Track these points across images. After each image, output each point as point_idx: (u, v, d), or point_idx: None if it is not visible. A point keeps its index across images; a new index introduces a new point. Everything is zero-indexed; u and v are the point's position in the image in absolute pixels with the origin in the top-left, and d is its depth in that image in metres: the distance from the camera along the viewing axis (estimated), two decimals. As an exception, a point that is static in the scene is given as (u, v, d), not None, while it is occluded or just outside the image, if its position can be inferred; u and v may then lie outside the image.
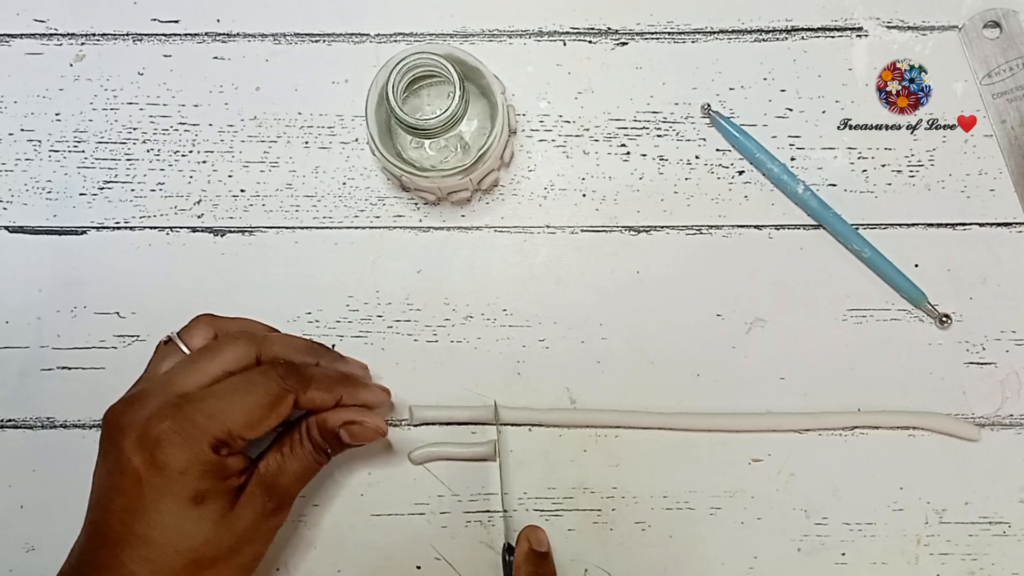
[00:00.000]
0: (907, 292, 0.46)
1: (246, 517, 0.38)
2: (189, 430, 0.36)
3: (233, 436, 0.37)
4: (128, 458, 0.36)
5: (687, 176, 0.48)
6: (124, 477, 0.36)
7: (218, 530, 0.37)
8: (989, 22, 0.48)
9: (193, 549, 0.36)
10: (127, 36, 0.49)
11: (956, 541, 0.45)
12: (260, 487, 0.39)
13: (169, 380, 0.38)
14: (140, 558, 0.36)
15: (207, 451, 0.37)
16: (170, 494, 0.36)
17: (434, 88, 0.46)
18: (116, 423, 0.37)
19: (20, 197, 0.48)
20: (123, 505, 0.36)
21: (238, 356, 0.39)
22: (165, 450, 0.36)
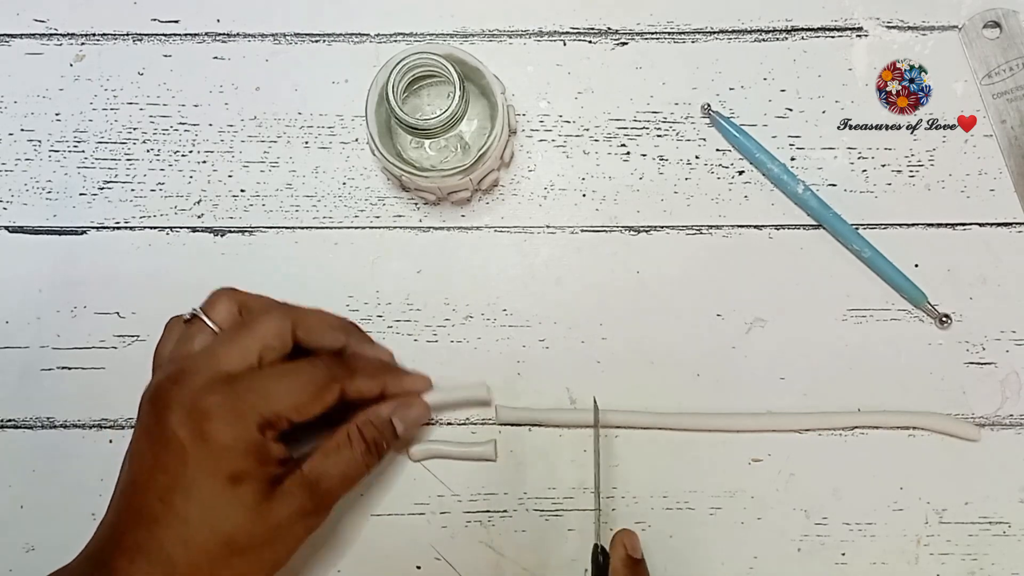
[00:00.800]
0: (907, 292, 0.46)
1: (281, 512, 0.37)
2: (238, 406, 0.37)
3: (280, 417, 0.37)
4: (174, 432, 0.36)
5: (687, 176, 0.48)
6: (168, 453, 0.36)
7: (252, 517, 0.36)
8: (989, 22, 0.48)
9: (227, 532, 0.36)
10: (127, 36, 0.49)
11: (956, 541, 0.45)
12: (301, 486, 0.38)
13: (213, 357, 0.38)
14: (177, 538, 0.35)
15: (253, 430, 0.37)
16: (211, 471, 0.36)
17: (434, 88, 0.46)
18: (163, 399, 0.37)
19: (20, 197, 0.48)
20: (165, 482, 0.36)
21: (276, 330, 0.39)
22: (213, 424, 0.36)
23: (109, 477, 0.46)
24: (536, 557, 0.45)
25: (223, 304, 0.41)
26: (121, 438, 0.47)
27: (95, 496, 0.46)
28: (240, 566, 0.37)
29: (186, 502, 0.36)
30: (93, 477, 0.46)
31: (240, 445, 0.36)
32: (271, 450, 0.37)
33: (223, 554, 0.36)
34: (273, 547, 0.38)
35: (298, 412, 0.38)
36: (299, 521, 0.38)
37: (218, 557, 0.36)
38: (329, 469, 0.39)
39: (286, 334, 0.40)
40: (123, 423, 0.47)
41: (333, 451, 0.40)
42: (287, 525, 0.38)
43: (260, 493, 0.37)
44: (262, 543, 0.37)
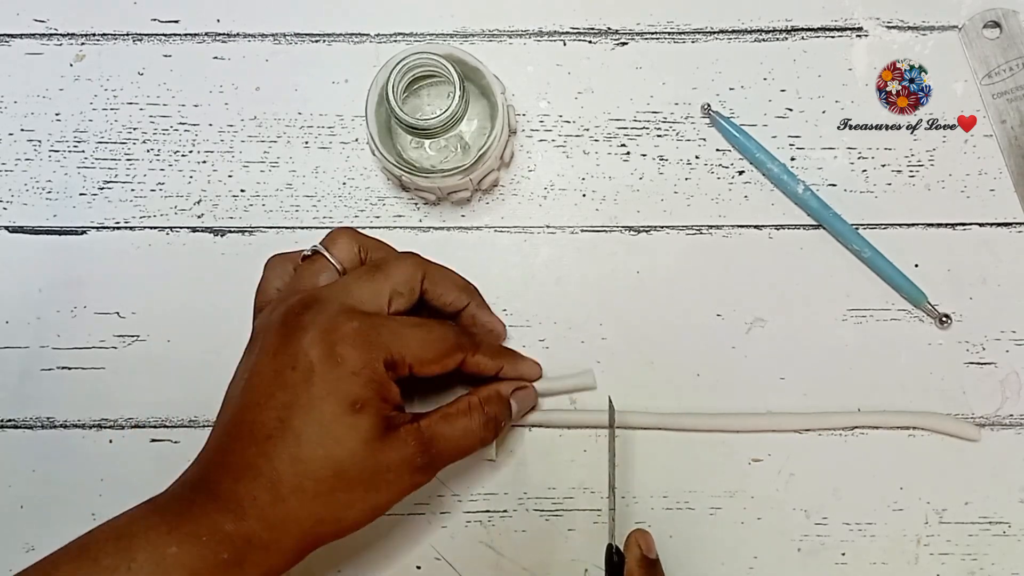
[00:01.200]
0: (907, 292, 0.46)
1: (392, 455, 0.37)
2: (372, 338, 0.37)
3: (405, 363, 0.38)
4: (305, 352, 0.36)
5: (687, 176, 0.48)
6: (295, 372, 0.36)
7: (364, 450, 0.36)
8: (989, 22, 0.48)
9: (338, 459, 0.36)
10: (127, 36, 0.49)
11: (956, 541, 0.45)
12: (416, 438, 0.38)
13: (347, 292, 0.38)
14: (289, 456, 0.35)
15: (380, 363, 0.37)
16: (336, 393, 0.36)
17: (434, 88, 0.46)
18: (296, 322, 0.37)
19: (20, 197, 0.48)
20: (285, 400, 0.36)
21: (407, 276, 0.40)
22: (346, 347, 0.36)
23: (109, 477, 0.46)
24: (536, 557, 0.45)
25: (345, 243, 0.41)
26: (121, 438, 0.47)
27: (95, 496, 0.46)
28: (342, 500, 0.36)
29: (305, 421, 0.36)
30: (93, 477, 0.46)
31: (366, 372, 0.36)
32: (391, 389, 0.37)
33: (329, 482, 0.36)
34: (377, 490, 0.37)
35: (421, 364, 0.38)
36: (407, 472, 0.37)
37: (324, 484, 0.36)
38: (446, 431, 0.39)
39: (416, 283, 0.40)
40: (123, 423, 0.47)
41: (453, 415, 0.40)
42: (395, 471, 0.37)
43: (376, 428, 0.36)
44: (368, 482, 0.36)
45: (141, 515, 0.35)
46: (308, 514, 0.36)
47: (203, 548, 0.34)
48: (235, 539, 0.35)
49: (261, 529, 0.35)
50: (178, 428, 0.47)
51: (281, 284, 0.41)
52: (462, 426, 0.40)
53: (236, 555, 0.34)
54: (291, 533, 0.36)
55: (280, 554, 0.36)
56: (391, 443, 0.37)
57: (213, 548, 0.34)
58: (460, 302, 0.42)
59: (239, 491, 0.35)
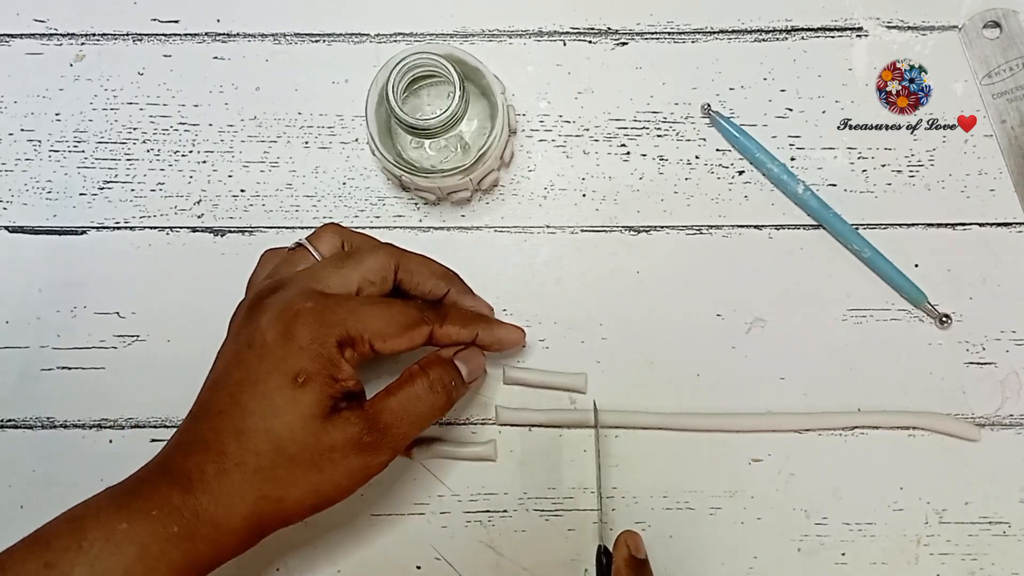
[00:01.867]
0: (907, 292, 0.46)
1: (334, 435, 0.37)
2: (326, 316, 0.37)
3: (363, 340, 0.38)
4: (263, 331, 0.37)
5: (687, 176, 0.48)
6: (250, 350, 0.37)
7: (305, 427, 0.36)
8: (989, 22, 0.48)
9: (279, 434, 0.36)
10: (127, 36, 0.49)
11: (956, 541, 0.45)
12: (359, 417, 0.37)
13: (315, 276, 0.39)
14: (235, 431, 0.36)
15: (332, 340, 0.37)
16: (281, 367, 0.36)
17: (434, 88, 0.46)
18: (259, 304, 0.38)
19: (20, 197, 0.48)
20: (239, 377, 0.37)
21: (379, 265, 0.40)
22: (298, 325, 0.37)
23: (109, 477, 0.46)
24: (536, 557, 0.45)
25: (329, 237, 0.42)
26: (121, 438, 0.47)
27: (95, 496, 0.46)
28: (283, 477, 0.36)
29: (251, 396, 0.36)
30: (93, 477, 0.46)
31: (313, 347, 0.37)
32: (341, 368, 0.37)
33: (270, 456, 0.36)
34: (320, 470, 0.37)
35: (383, 339, 0.38)
36: (352, 452, 0.37)
37: (264, 458, 0.36)
38: (391, 404, 0.39)
39: (388, 273, 0.40)
40: (123, 423, 0.47)
41: (395, 387, 0.39)
42: (340, 451, 0.37)
43: (318, 405, 0.36)
44: (310, 461, 0.36)
45: (95, 500, 0.36)
46: (250, 488, 0.36)
47: (153, 522, 0.35)
48: (184, 512, 0.35)
49: (208, 502, 0.35)
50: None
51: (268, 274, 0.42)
52: (406, 395, 0.39)
53: (186, 528, 0.35)
54: (236, 509, 0.36)
55: (229, 532, 0.36)
56: (335, 424, 0.37)
57: (163, 522, 0.35)
58: (439, 289, 0.42)
59: (188, 465, 0.36)
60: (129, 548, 0.34)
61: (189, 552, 0.35)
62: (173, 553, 0.35)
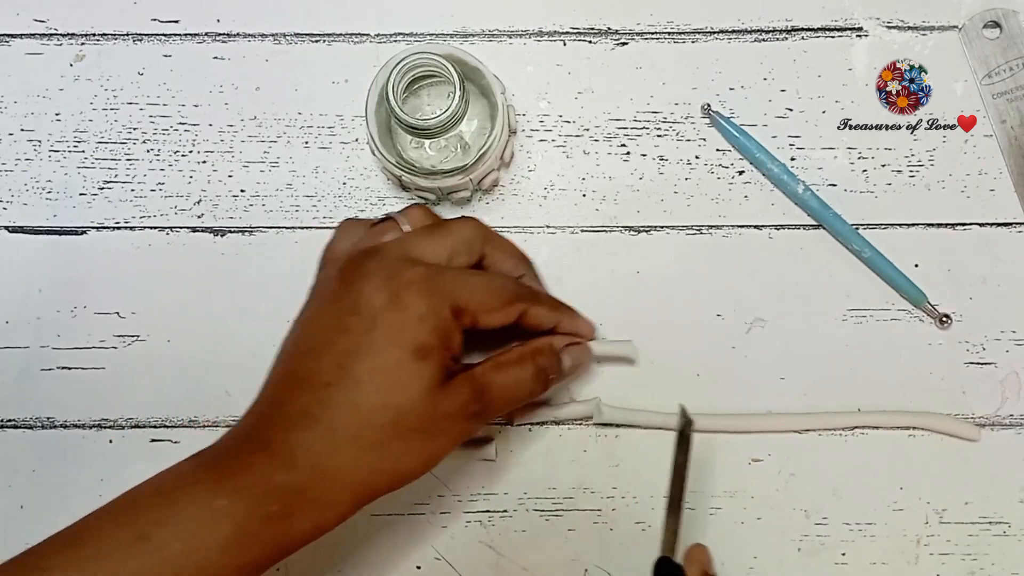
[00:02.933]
0: (907, 292, 0.46)
1: (449, 403, 0.36)
2: (437, 285, 0.36)
3: (468, 312, 0.37)
4: (368, 298, 0.36)
5: (687, 176, 0.48)
6: (356, 317, 0.35)
7: (424, 399, 0.35)
8: (989, 22, 0.48)
9: (398, 406, 0.35)
10: (127, 36, 0.49)
11: (956, 541, 0.45)
12: (471, 385, 0.37)
13: (408, 244, 0.38)
14: (347, 403, 0.35)
15: (446, 310, 0.36)
16: (399, 341, 0.35)
17: (434, 88, 0.46)
18: (358, 269, 0.37)
19: (20, 197, 0.48)
20: (345, 346, 0.35)
21: (469, 236, 0.40)
22: (410, 294, 0.36)
23: (109, 477, 0.46)
24: (536, 557, 0.45)
25: (419, 212, 0.41)
26: (121, 438, 0.47)
27: (95, 496, 0.46)
28: (398, 450, 0.35)
29: (366, 367, 0.35)
30: (93, 477, 0.46)
31: (432, 320, 0.36)
32: (455, 337, 0.37)
33: (388, 431, 0.35)
34: (433, 438, 0.36)
35: (485, 313, 0.38)
36: (461, 419, 0.37)
37: (382, 432, 0.35)
38: (497, 379, 0.38)
39: (477, 244, 0.40)
40: (123, 423, 0.47)
41: (504, 364, 0.39)
42: (451, 419, 0.36)
43: (437, 377, 0.36)
44: (425, 431, 0.36)
45: (187, 470, 0.35)
46: (364, 464, 0.35)
47: (250, 501, 0.33)
48: (285, 491, 0.34)
49: (313, 480, 0.34)
50: (178, 428, 0.47)
51: (349, 245, 0.41)
52: (513, 375, 0.39)
53: (285, 508, 0.34)
54: (345, 485, 0.35)
55: (332, 507, 0.35)
56: (449, 391, 0.36)
57: (261, 500, 0.33)
58: (517, 271, 0.43)
59: (291, 440, 0.34)
60: (226, 526, 0.33)
61: (288, 529, 0.34)
62: (271, 531, 0.34)
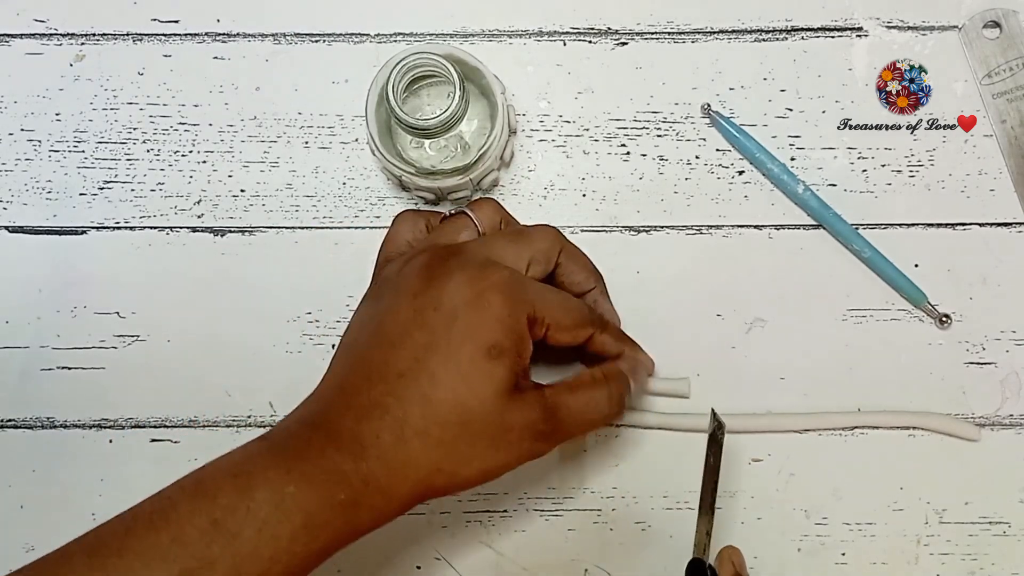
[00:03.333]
0: (907, 292, 0.46)
1: (516, 416, 0.36)
2: (518, 292, 0.37)
3: (544, 323, 0.37)
4: (451, 295, 0.36)
5: (687, 176, 0.48)
6: (436, 313, 0.35)
7: (493, 404, 0.35)
8: (989, 22, 0.48)
9: (468, 409, 0.35)
10: (127, 36, 0.49)
11: (956, 541, 0.45)
12: (540, 403, 0.37)
13: (491, 247, 0.38)
14: (420, 397, 0.35)
15: (524, 318, 0.36)
16: (476, 337, 0.35)
17: (434, 88, 0.46)
18: (441, 266, 0.37)
19: (20, 197, 0.48)
20: (423, 340, 0.35)
21: (548, 245, 0.40)
22: (493, 295, 0.36)
23: (109, 477, 0.46)
24: (536, 557, 0.45)
25: (491, 209, 0.41)
26: (121, 438, 0.47)
27: (95, 496, 0.46)
28: (462, 452, 0.35)
29: (441, 362, 0.35)
30: (93, 477, 0.46)
31: (509, 321, 0.36)
32: (528, 347, 0.37)
33: (455, 430, 0.35)
34: (497, 448, 0.36)
35: (559, 328, 0.38)
36: (528, 437, 0.36)
37: (449, 431, 0.35)
38: (570, 402, 0.38)
39: (553, 255, 0.40)
40: (123, 423, 0.47)
41: (578, 387, 0.38)
42: (517, 432, 0.36)
43: (508, 382, 0.35)
44: (490, 438, 0.35)
45: (257, 453, 0.34)
46: (428, 460, 0.35)
47: (320, 489, 0.33)
48: (353, 480, 0.34)
49: (380, 471, 0.34)
50: (178, 428, 0.47)
51: (412, 238, 0.41)
52: (587, 398, 0.38)
53: (353, 496, 0.34)
54: (408, 478, 0.35)
55: (395, 499, 0.35)
56: (518, 403, 0.36)
57: (331, 489, 0.33)
58: (587, 284, 0.43)
59: (362, 430, 0.34)
60: (297, 514, 0.33)
61: (352, 519, 0.34)
62: (337, 521, 0.34)
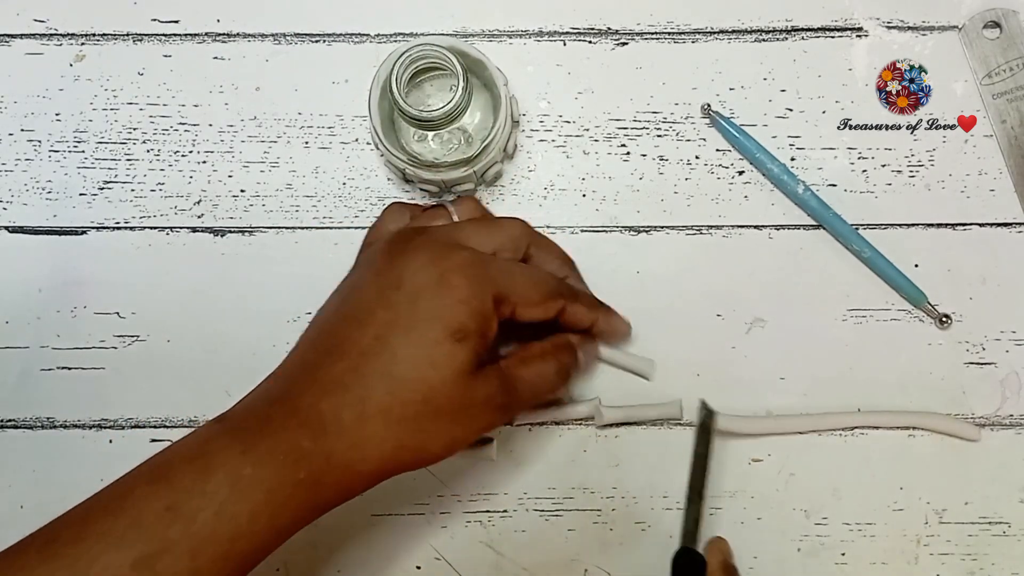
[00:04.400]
0: (907, 292, 0.46)
1: (479, 391, 0.36)
2: (481, 272, 0.37)
3: (511, 301, 0.37)
4: (413, 273, 0.36)
5: (687, 176, 0.48)
6: (400, 292, 0.36)
7: (456, 382, 0.35)
8: (989, 22, 0.48)
9: (431, 387, 0.35)
10: (127, 36, 0.49)
11: (956, 541, 0.45)
12: (499, 377, 0.37)
13: (458, 230, 0.39)
14: (382, 374, 0.35)
15: (489, 296, 0.36)
16: (440, 320, 0.35)
17: (437, 81, 0.46)
18: (406, 245, 0.37)
19: (20, 197, 0.48)
20: (386, 318, 0.35)
21: (517, 233, 0.40)
22: (456, 276, 0.36)
23: (109, 477, 0.46)
24: (536, 557, 0.45)
25: (470, 205, 0.42)
26: (121, 438, 0.47)
27: (95, 496, 0.46)
28: (425, 428, 0.35)
29: (403, 341, 0.35)
30: (93, 477, 0.46)
31: (474, 304, 0.36)
32: (492, 325, 0.37)
33: (417, 407, 0.35)
34: (460, 423, 0.36)
35: (527, 304, 0.38)
36: (488, 409, 0.37)
37: (411, 408, 0.35)
38: (523, 374, 0.38)
39: (523, 243, 0.40)
40: (123, 423, 0.47)
41: (529, 359, 0.39)
42: (479, 407, 0.36)
43: (470, 361, 0.36)
44: (453, 414, 0.36)
45: (215, 434, 0.34)
46: (392, 437, 0.35)
47: (280, 467, 0.33)
48: (314, 458, 0.34)
49: (342, 448, 0.34)
50: (178, 428, 0.47)
51: (395, 227, 0.41)
52: (537, 370, 0.39)
53: (313, 474, 0.34)
54: (372, 455, 0.35)
55: (360, 476, 0.35)
56: (479, 379, 0.36)
57: (291, 467, 0.33)
58: (561, 272, 0.43)
59: (322, 407, 0.34)
60: (256, 493, 0.33)
61: (315, 496, 0.34)
62: (299, 497, 0.34)
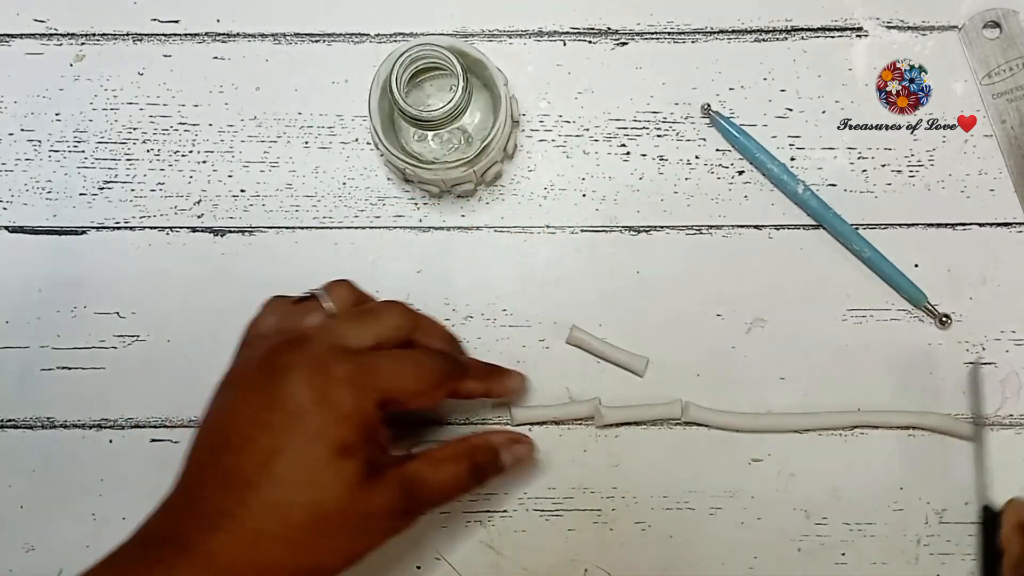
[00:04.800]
0: (907, 292, 0.46)
1: (374, 501, 0.36)
2: (362, 379, 0.36)
3: (396, 401, 0.37)
4: (291, 395, 0.35)
5: (687, 176, 0.48)
6: (279, 414, 0.35)
7: (348, 497, 0.35)
8: (989, 22, 0.48)
9: (321, 506, 0.34)
10: (127, 36, 0.49)
11: (956, 541, 0.45)
12: (400, 482, 0.37)
13: (334, 331, 0.37)
14: (269, 503, 0.34)
15: (372, 405, 0.36)
16: (324, 438, 0.35)
17: (437, 81, 0.46)
18: (282, 361, 0.36)
19: (20, 197, 0.48)
20: (268, 444, 0.34)
21: (398, 322, 0.39)
22: (337, 390, 0.35)
23: (109, 477, 0.46)
24: (536, 557, 0.45)
25: (343, 290, 0.40)
26: (121, 438, 0.47)
27: (95, 496, 0.46)
28: (323, 547, 0.35)
29: (287, 464, 0.34)
30: (93, 477, 0.46)
31: (357, 416, 0.35)
32: (380, 432, 0.37)
33: (311, 529, 0.34)
34: (357, 538, 0.36)
35: (414, 399, 0.37)
36: (387, 518, 0.37)
37: (305, 531, 0.34)
38: (430, 477, 0.38)
39: (404, 329, 0.39)
40: (123, 423, 0.47)
41: (440, 461, 0.39)
42: (376, 518, 0.36)
43: (361, 474, 0.35)
44: (348, 529, 0.35)
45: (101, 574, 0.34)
46: (289, 562, 0.34)
47: None
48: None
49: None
50: (178, 428, 0.47)
51: (275, 321, 0.40)
52: (448, 473, 0.39)
53: None
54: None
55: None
56: (376, 489, 0.36)
57: None
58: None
59: (213, 543, 0.33)
60: None
61: None
62: None
